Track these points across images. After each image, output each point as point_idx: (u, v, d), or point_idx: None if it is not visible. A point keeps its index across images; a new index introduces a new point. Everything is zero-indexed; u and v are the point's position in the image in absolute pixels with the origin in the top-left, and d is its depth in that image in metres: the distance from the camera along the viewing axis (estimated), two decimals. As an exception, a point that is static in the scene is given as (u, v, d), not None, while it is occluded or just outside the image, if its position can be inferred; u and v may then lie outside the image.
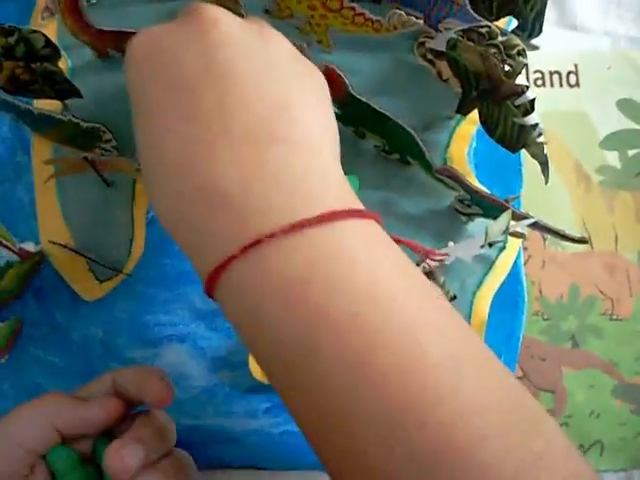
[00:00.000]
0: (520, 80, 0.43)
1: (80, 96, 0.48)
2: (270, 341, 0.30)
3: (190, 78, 0.33)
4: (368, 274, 0.30)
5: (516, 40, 0.44)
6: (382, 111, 0.45)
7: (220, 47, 0.33)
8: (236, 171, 0.31)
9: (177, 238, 0.34)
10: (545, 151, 0.44)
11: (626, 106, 0.60)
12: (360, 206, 0.33)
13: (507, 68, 0.43)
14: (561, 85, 0.61)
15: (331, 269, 0.30)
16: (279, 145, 0.32)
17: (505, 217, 0.43)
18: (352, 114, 0.48)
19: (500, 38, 0.44)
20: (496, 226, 0.43)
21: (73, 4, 0.45)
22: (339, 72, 0.44)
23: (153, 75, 0.34)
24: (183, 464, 0.41)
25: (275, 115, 0.32)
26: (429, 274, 0.47)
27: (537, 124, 0.43)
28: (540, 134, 0.44)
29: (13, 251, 0.46)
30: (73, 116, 0.46)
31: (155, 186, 0.34)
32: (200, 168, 0.31)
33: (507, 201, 0.46)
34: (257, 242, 0.30)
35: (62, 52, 0.48)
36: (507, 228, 0.44)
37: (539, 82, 0.61)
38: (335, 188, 0.32)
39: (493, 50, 0.44)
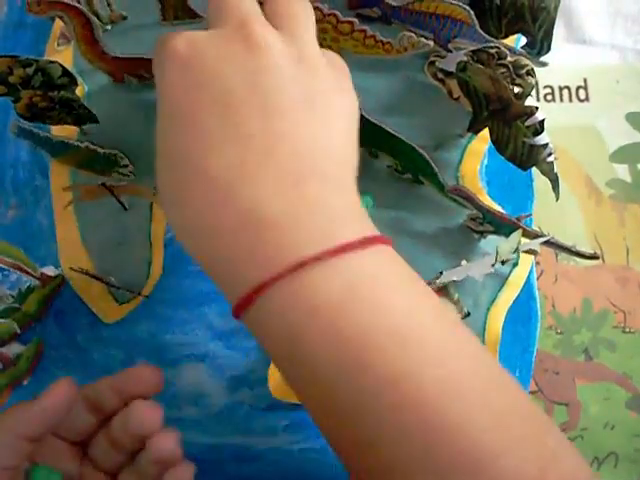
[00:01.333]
0: (530, 99, 0.44)
1: (97, 121, 0.49)
2: (310, 363, 0.31)
3: (235, 98, 0.32)
4: (405, 295, 0.32)
5: (525, 60, 0.45)
6: (393, 132, 0.46)
7: (268, 73, 0.33)
8: (278, 199, 0.31)
9: (203, 256, 0.33)
10: (555, 169, 0.45)
11: (635, 119, 0.61)
12: (377, 232, 0.34)
13: (517, 89, 0.44)
14: (571, 100, 0.61)
15: (372, 291, 0.31)
16: (316, 179, 0.32)
17: (515, 236, 0.44)
18: (364, 135, 0.48)
19: (509, 58, 0.45)
20: (507, 245, 0.44)
21: (89, 34, 0.46)
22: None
23: (196, 84, 0.33)
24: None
25: (313, 150, 0.33)
26: (444, 291, 0.47)
27: (547, 143, 0.44)
28: (550, 153, 0.44)
29: (34, 276, 0.47)
30: (91, 143, 0.47)
31: (185, 204, 0.33)
32: (243, 193, 0.31)
33: (519, 219, 0.46)
34: (301, 265, 0.30)
35: (78, 78, 0.49)
36: (518, 247, 0.44)
37: (549, 97, 0.61)
38: (363, 217, 0.34)
39: (502, 70, 0.45)
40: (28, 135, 0.48)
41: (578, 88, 0.61)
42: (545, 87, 0.62)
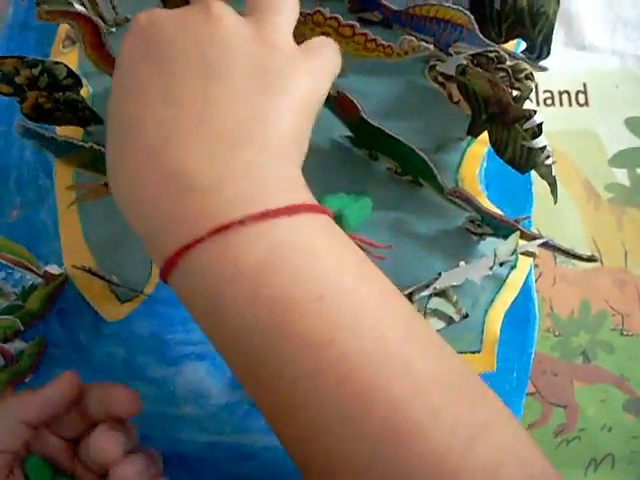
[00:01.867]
0: (529, 104, 0.44)
1: (101, 122, 0.50)
2: (231, 327, 0.31)
3: (180, 64, 0.33)
4: (331, 262, 0.32)
5: (524, 64, 0.45)
6: (394, 135, 0.46)
7: (217, 44, 0.34)
8: (208, 162, 0.32)
9: (135, 220, 0.34)
10: (553, 172, 0.45)
11: (634, 124, 0.61)
12: (313, 202, 0.34)
13: (515, 93, 0.44)
14: (570, 104, 0.61)
15: (296, 256, 0.31)
16: (252, 147, 0.32)
17: (513, 238, 0.45)
18: (365, 137, 0.49)
19: (509, 62, 0.45)
20: (505, 247, 0.44)
21: (97, 39, 0.46)
22: (351, 97, 0.46)
23: (145, 52, 0.34)
24: (153, 458, 0.42)
25: (253, 118, 0.33)
26: (442, 293, 0.48)
27: (545, 146, 0.44)
28: (548, 156, 0.45)
29: (37, 274, 0.48)
30: (95, 143, 0.47)
31: (121, 167, 0.34)
32: (173, 154, 0.32)
33: (517, 221, 0.47)
34: (225, 227, 0.30)
35: (83, 79, 0.50)
36: (515, 249, 0.45)
37: (548, 102, 0.62)
38: (301, 189, 0.34)
39: (502, 74, 0.45)
40: (33, 135, 0.49)
41: (578, 93, 0.62)
42: (545, 92, 0.62)
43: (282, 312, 0.30)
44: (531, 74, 0.45)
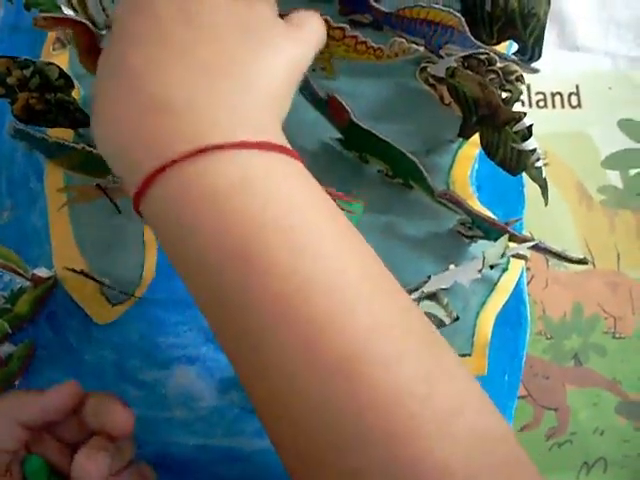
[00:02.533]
0: (518, 106, 0.44)
1: (91, 125, 0.50)
2: (199, 252, 0.31)
3: (164, 12, 0.34)
4: (301, 197, 0.32)
5: (514, 66, 0.45)
6: (384, 138, 0.46)
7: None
8: (189, 88, 0.32)
9: (112, 146, 0.34)
10: (544, 175, 0.45)
11: (627, 126, 0.61)
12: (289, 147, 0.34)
13: (506, 95, 0.44)
14: (563, 106, 0.61)
15: (268, 186, 0.31)
16: (234, 84, 0.33)
17: (502, 242, 0.44)
18: (355, 140, 0.49)
19: (499, 64, 0.45)
20: (494, 250, 0.44)
21: (92, 44, 0.46)
22: (341, 100, 0.45)
23: (135, 6, 0.35)
24: (146, 475, 0.42)
25: (235, 63, 0.34)
26: (433, 295, 0.48)
27: (535, 149, 0.44)
28: (538, 158, 0.45)
29: (26, 277, 0.48)
30: (87, 144, 0.47)
31: (103, 96, 0.34)
32: (155, 79, 0.32)
33: (508, 224, 0.46)
34: (202, 150, 0.31)
35: (75, 81, 0.50)
36: (504, 252, 0.44)
37: (541, 103, 0.62)
38: (280, 136, 0.34)
39: (492, 76, 0.45)
40: (24, 136, 0.49)
41: (570, 94, 0.62)
42: (537, 93, 0.62)
43: (250, 239, 0.30)
44: (521, 76, 0.45)
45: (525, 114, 0.44)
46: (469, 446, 0.29)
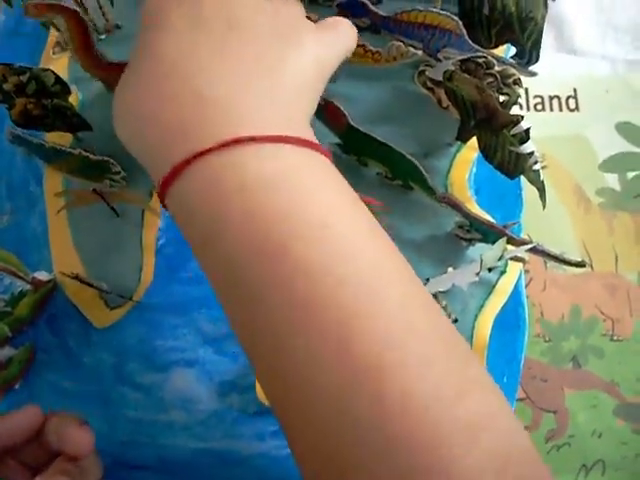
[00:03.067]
0: (515, 109, 0.44)
1: (90, 129, 0.50)
2: (227, 247, 0.30)
3: (206, 8, 0.34)
4: (335, 194, 0.32)
5: (512, 70, 0.45)
6: (382, 140, 0.46)
7: (242, 3, 0.35)
8: (226, 78, 0.32)
9: (138, 134, 0.34)
10: (541, 177, 0.45)
11: (625, 129, 0.61)
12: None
13: (503, 98, 0.44)
14: (561, 109, 0.62)
15: (302, 181, 0.31)
16: (269, 78, 0.33)
17: (500, 245, 0.45)
18: (353, 144, 0.49)
19: (497, 68, 0.46)
20: (491, 253, 0.44)
21: (85, 38, 0.46)
22: (338, 105, 0.46)
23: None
24: None
25: (269, 58, 0.34)
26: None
27: (533, 152, 0.44)
28: (536, 161, 0.45)
29: (26, 281, 0.48)
30: (84, 149, 0.47)
31: (136, 80, 0.34)
32: (192, 66, 0.32)
33: (505, 227, 0.47)
34: (235, 141, 0.30)
35: (73, 86, 0.50)
36: (502, 255, 0.45)
37: (539, 107, 0.62)
38: (311, 133, 0.34)
39: (490, 79, 0.46)
40: (22, 142, 0.49)
41: (568, 98, 0.62)
42: (535, 97, 0.62)
43: (282, 233, 0.30)
44: (519, 79, 0.46)
45: (523, 117, 0.44)
46: (496, 455, 0.28)
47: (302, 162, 0.32)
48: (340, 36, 0.39)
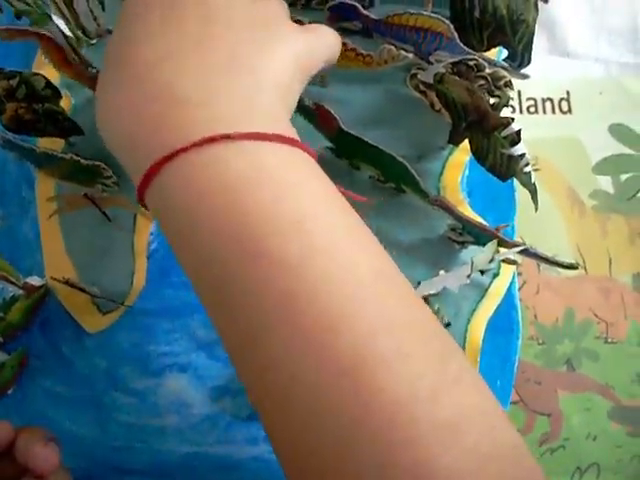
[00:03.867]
0: (508, 112, 0.44)
1: (82, 133, 0.50)
2: (205, 243, 0.30)
3: (182, 6, 0.34)
4: (312, 190, 0.32)
5: (503, 72, 0.45)
6: (373, 143, 0.46)
7: None
8: (202, 78, 0.32)
9: (118, 132, 0.34)
10: (533, 180, 0.45)
11: (618, 131, 0.61)
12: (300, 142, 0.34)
13: (494, 100, 0.44)
14: (553, 112, 0.62)
15: (278, 177, 0.31)
16: (247, 76, 0.33)
17: (491, 247, 0.44)
18: (345, 148, 0.49)
19: (488, 70, 0.45)
20: (482, 256, 0.44)
21: (61, 55, 0.46)
22: (329, 109, 0.46)
23: None
24: None
25: (248, 55, 0.34)
26: (423, 301, 0.48)
27: (524, 154, 0.44)
28: (527, 164, 0.45)
29: (18, 286, 0.48)
30: (75, 154, 0.47)
31: (112, 80, 0.34)
32: (167, 68, 0.32)
33: (497, 229, 0.46)
34: (211, 139, 0.30)
35: (65, 90, 0.50)
36: (493, 257, 0.44)
37: (532, 109, 0.62)
38: (291, 129, 0.34)
39: (481, 82, 0.45)
40: (13, 146, 0.49)
41: (561, 100, 0.62)
42: (528, 99, 0.62)
43: (258, 229, 0.30)
44: (510, 82, 0.45)
45: (513, 119, 0.44)
46: (475, 455, 0.28)
47: (279, 158, 0.32)
48: (321, 38, 0.39)
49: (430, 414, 0.28)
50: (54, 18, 0.49)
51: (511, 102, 0.63)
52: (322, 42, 0.39)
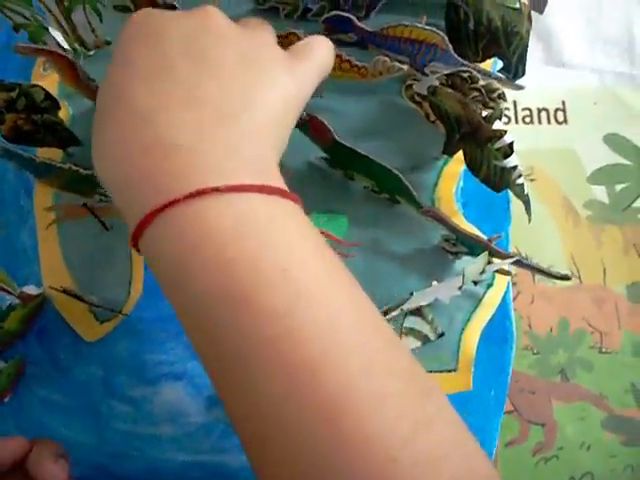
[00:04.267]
0: (500, 123, 0.45)
1: (80, 144, 0.50)
2: (195, 291, 0.31)
3: (174, 47, 0.35)
4: (296, 240, 0.33)
5: (496, 84, 0.46)
6: (367, 155, 0.47)
7: (209, 33, 0.36)
8: (193, 130, 0.33)
9: (113, 181, 0.35)
10: (526, 191, 0.45)
11: (613, 141, 0.61)
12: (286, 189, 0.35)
13: (486, 113, 0.45)
14: (549, 122, 0.62)
15: (264, 228, 0.32)
16: (236, 125, 0.34)
17: (482, 258, 0.45)
18: (339, 158, 0.49)
19: (481, 82, 0.46)
20: (474, 267, 0.45)
21: (72, 71, 0.46)
22: (322, 120, 0.46)
23: (142, 37, 0.36)
24: None
25: (238, 100, 0.35)
26: (417, 311, 0.48)
27: (516, 166, 0.45)
28: (520, 175, 0.45)
29: (14, 295, 0.48)
30: (74, 164, 0.48)
31: (106, 129, 0.35)
32: (160, 118, 0.33)
33: (491, 240, 0.47)
34: (201, 192, 0.31)
35: (64, 101, 0.51)
36: (485, 269, 0.45)
37: (527, 119, 0.62)
38: (276, 177, 0.35)
39: (475, 93, 0.46)
40: (12, 156, 0.49)
41: (556, 110, 0.62)
42: (523, 109, 0.62)
43: (245, 279, 0.31)
44: (503, 94, 0.46)
45: (506, 131, 0.44)
46: None
47: (264, 209, 0.33)
48: (312, 62, 0.40)
49: (409, 452, 0.29)
50: (51, 31, 0.49)
51: (507, 112, 0.63)
52: (314, 65, 0.40)
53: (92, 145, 0.36)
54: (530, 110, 0.62)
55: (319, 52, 0.40)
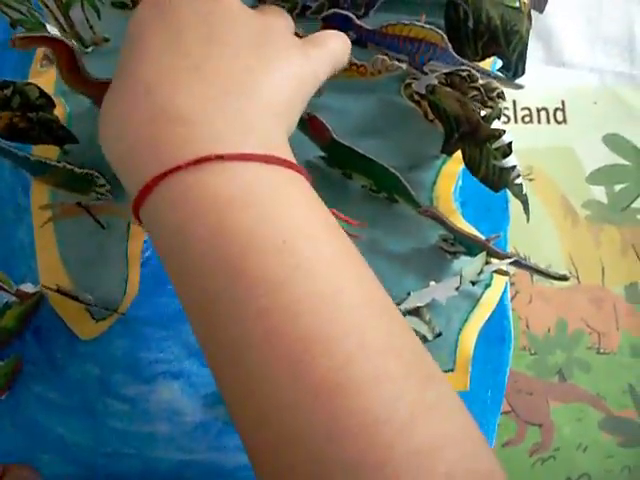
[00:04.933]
0: (499, 123, 0.44)
1: (76, 141, 0.50)
2: (193, 259, 0.31)
3: (185, 25, 0.36)
4: (300, 212, 0.32)
5: (495, 83, 0.45)
6: (365, 154, 0.47)
7: (221, 13, 0.36)
8: (198, 100, 0.33)
9: (117, 148, 0.35)
10: (524, 191, 0.45)
11: (612, 141, 0.61)
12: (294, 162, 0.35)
13: (484, 112, 0.45)
14: (548, 121, 0.62)
15: (266, 198, 0.31)
16: (244, 97, 0.34)
17: (480, 258, 0.45)
18: (338, 157, 0.49)
19: (480, 81, 0.46)
20: (471, 267, 0.44)
21: (73, 65, 0.46)
22: (321, 119, 0.46)
23: (154, 17, 0.36)
24: None
25: (247, 75, 0.35)
26: (415, 311, 0.48)
27: (515, 166, 0.44)
28: (518, 175, 0.45)
29: (10, 293, 0.48)
30: (69, 162, 0.48)
31: (115, 99, 0.35)
32: (167, 89, 0.33)
33: (488, 240, 0.47)
34: (204, 159, 0.31)
35: (61, 98, 0.50)
36: (482, 269, 0.44)
37: (527, 119, 0.62)
38: (285, 150, 0.35)
39: (474, 92, 0.46)
40: (8, 154, 0.49)
41: (556, 110, 0.62)
42: (523, 109, 0.62)
43: (243, 247, 0.30)
44: (502, 93, 0.46)
45: (505, 131, 0.44)
46: None
47: (269, 179, 0.32)
48: (327, 52, 0.40)
49: (405, 439, 0.28)
50: (49, 27, 0.49)
51: (506, 111, 0.63)
52: (328, 55, 0.40)
53: (99, 123, 0.36)
54: (529, 109, 0.62)
55: (333, 42, 0.41)
